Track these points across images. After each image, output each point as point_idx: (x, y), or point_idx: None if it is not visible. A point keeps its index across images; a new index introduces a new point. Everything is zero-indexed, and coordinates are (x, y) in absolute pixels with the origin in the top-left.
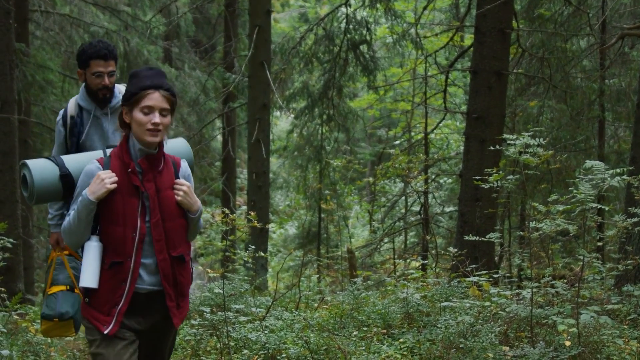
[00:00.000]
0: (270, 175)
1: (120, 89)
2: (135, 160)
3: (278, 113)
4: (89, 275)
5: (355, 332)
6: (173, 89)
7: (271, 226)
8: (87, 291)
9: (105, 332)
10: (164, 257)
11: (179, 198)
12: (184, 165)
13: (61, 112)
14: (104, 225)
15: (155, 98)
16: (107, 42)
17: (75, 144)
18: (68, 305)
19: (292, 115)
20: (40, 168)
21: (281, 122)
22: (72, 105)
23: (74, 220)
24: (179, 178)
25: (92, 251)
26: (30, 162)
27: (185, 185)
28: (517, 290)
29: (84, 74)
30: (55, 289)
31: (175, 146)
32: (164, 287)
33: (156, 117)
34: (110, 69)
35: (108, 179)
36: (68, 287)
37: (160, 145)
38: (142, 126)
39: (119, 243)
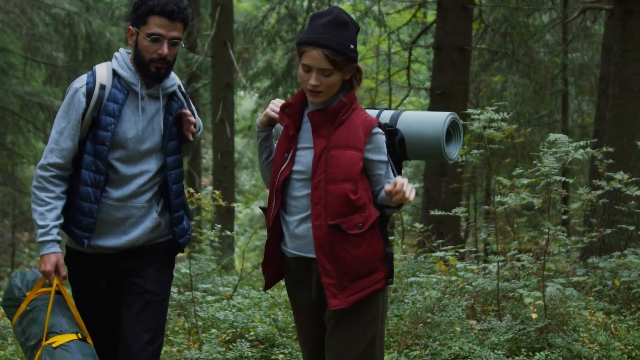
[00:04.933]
0: (236, 155)
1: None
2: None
3: (242, 93)
4: None
5: None
6: (340, 46)
7: (237, 206)
8: None
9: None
10: (320, 224)
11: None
12: (376, 130)
13: (84, 77)
14: None
15: (312, 57)
16: None
17: (100, 125)
18: None
19: (256, 95)
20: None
21: (245, 102)
22: (103, 71)
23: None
24: (362, 139)
25: None
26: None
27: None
28: (483, 265)
29: (136, 35)
30: (61, 338)
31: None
32: (317, 259)
33: (313, 79)
34: (173, 34)
35: (274, 105)
36: (80, 336)
37: (341, 101)
38: (304, 84)
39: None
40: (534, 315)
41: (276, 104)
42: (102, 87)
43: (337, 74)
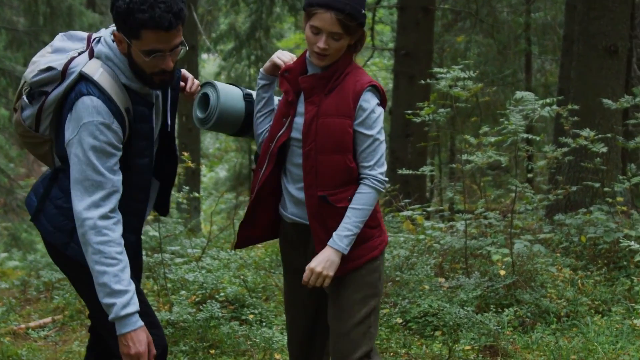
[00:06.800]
0: None
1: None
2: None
3: (205, 55)
4: None
5: None
6: (354, 10)
7: (202, 169)
8: None
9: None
10: (312, 194)
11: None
12: (367, 97)
13: (101, 106)
14: None
15: (324, 19)
16: None
17: (135, 151)
18: None
19: (220, 57)
20: (226, 87)
21: (209, 65)
22: (115, 89)
23: None
24: (351, 107)
25: None
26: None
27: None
28: (450, 223)
29: (128, 46)
30: None
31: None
32: (312, 228)
33: (322, 42)
34: (175, 43)
35: (280, 53)
36: None
37: (334, 65)
38: (310, 46)
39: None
40: (502, 272)
41: (284, 54)
42: (128, 110)
43: (347, 38)
